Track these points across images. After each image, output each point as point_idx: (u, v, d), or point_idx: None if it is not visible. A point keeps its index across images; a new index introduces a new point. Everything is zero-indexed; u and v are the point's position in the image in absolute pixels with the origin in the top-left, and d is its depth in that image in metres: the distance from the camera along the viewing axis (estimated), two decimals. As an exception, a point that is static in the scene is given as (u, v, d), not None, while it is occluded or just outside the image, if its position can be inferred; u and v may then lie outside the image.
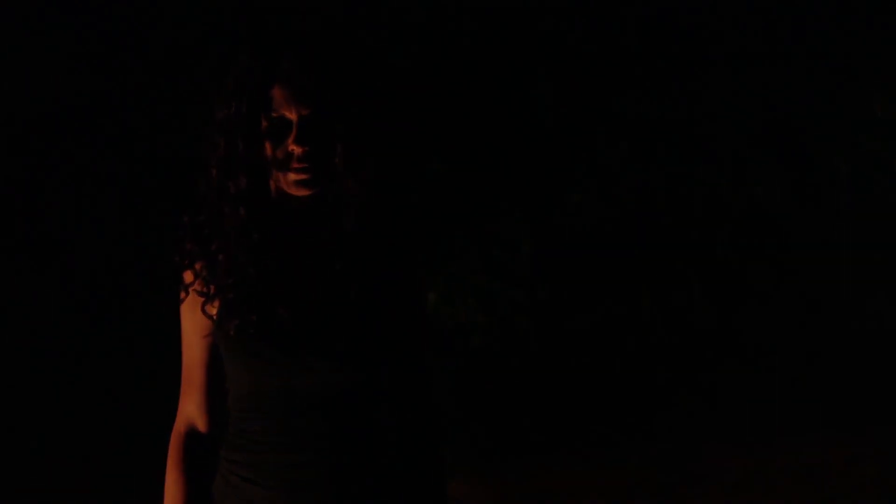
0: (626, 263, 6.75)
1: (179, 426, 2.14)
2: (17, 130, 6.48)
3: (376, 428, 2.05)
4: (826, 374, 6.47)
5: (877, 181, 6.69)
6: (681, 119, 6.69)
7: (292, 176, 2.00)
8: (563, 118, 6.64)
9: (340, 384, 2.01)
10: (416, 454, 2.09)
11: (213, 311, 2.06)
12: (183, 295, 2.09)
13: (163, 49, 6.36)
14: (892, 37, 6.65)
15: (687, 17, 6.66)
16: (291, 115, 1.97)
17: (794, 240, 6.83)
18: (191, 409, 2.14)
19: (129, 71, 6.40)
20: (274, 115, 1.98)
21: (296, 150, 1.97)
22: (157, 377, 2.04)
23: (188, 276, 2.09)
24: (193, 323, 2.11)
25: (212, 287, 2.06)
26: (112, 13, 6.36)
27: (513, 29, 6.59)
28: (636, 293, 6.73)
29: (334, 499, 2.02)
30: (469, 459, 5.74)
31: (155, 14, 6.37)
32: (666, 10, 6.65)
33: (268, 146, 2.00)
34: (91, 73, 6.39)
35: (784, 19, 6.66)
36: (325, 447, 2.02)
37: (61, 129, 6.47)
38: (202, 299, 2.07)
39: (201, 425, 2.14)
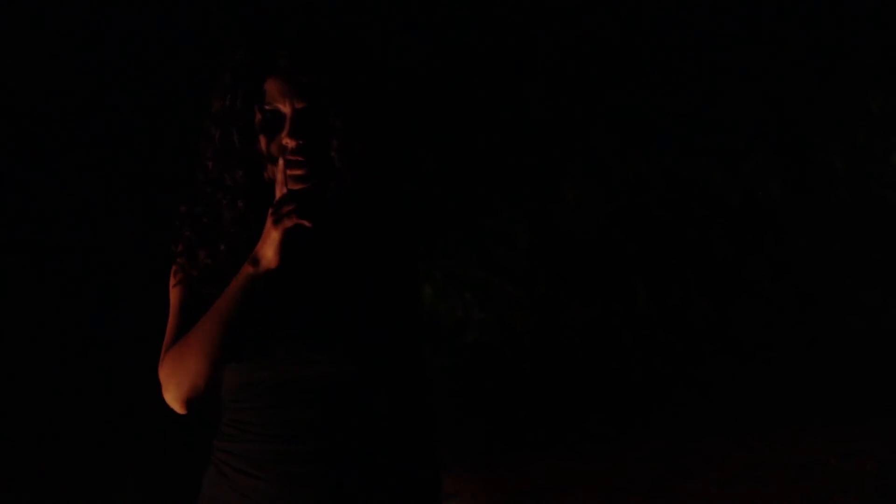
0: (622, 259, 6.76)
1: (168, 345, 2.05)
2: (16, 130, 6.49)
3: (371, 420, 2.04)
4: (822, 370, 6.49)
5: (872, 176, 6.71)
6: (676, 114, 6.71)
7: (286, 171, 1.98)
8: (560, 113, 6.66)
9: (335, 376, 2.01)
10: (411, 447, 2.08)
11: (208, 294, 2.05)
12: (180, 276, 2.08)
13: (161, 47, 6.37)
14: (887, 33, 6.67)
15: (683, 13, 6.67)
16: (285, 109, 1.98)
17: (790, 235, 6.84)
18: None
19: (127, 69, 6.41)
20: (268, 108, 1.99)
21: (289, 143, 1.97)
22: (156, 376, 2.03)
23: (184, 262, 2.08)
24: (188, 298, 2.06)
25: (208, 274, 2.05)
26: (111, 12, 6.37)
27: (509, 24, 6.61)
28: (632, 288, 6.74)
29: (328, 490, 2.01)
30: (464, 454, 5.74)
31: (153, 13, 6.39)
32: (662, 5, 6.67)
33: (262, 140, 2.00)
34: (90, 72, 6.40)
35: (780, 15, 6.68)
36: (319, 438, 2.01)
37: (60, 128, 6.48)
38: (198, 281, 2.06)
39: None
